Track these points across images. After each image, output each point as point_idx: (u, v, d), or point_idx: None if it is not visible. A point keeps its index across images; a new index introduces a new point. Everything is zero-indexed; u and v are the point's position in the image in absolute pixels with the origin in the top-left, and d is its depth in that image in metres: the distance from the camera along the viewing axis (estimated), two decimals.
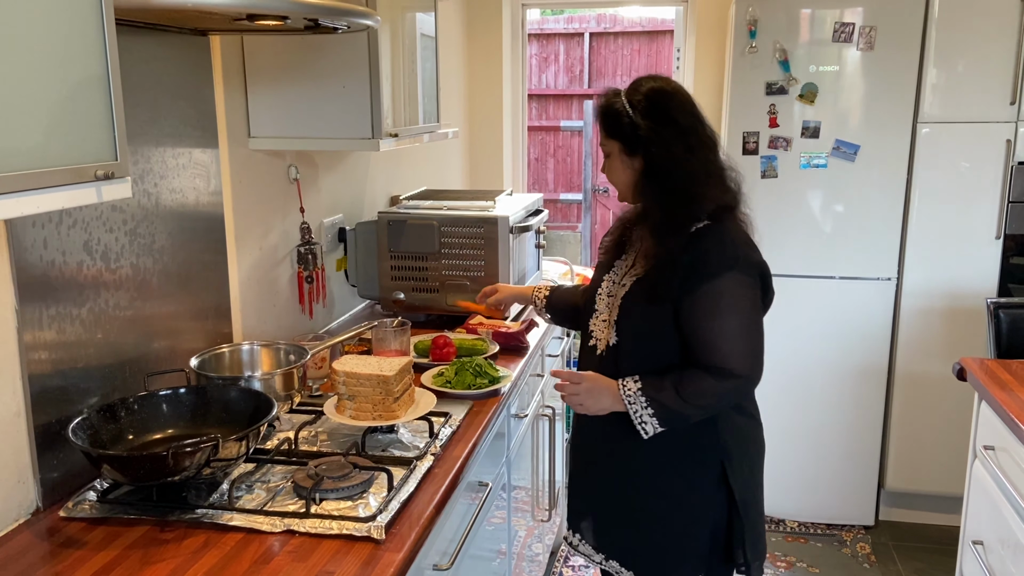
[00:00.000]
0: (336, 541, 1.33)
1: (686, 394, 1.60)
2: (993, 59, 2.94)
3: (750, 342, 1.62)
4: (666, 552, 1.74)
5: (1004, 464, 1.97)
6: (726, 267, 1.60)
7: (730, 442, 1.70)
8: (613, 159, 1.69)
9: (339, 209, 2.64)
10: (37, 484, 1.44)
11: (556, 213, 7.74)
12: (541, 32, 7.63)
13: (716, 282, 1.59)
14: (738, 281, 1.60)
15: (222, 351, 1.86)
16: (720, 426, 1.69)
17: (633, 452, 1.71)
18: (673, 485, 1.71)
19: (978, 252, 3.08)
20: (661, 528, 1.73)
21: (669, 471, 1.71)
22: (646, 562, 1.77)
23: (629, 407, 1.64)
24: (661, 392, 1.61)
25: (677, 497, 1.72)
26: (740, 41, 3.08)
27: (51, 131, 1.04)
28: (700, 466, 1.70)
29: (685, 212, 1.63)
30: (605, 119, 1.67)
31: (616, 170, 1.70)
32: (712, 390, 1.60)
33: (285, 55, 2.05)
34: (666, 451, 1.69)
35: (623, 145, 1.66)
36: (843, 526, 3.36)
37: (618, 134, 1.65)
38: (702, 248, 1.61)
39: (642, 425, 1.64)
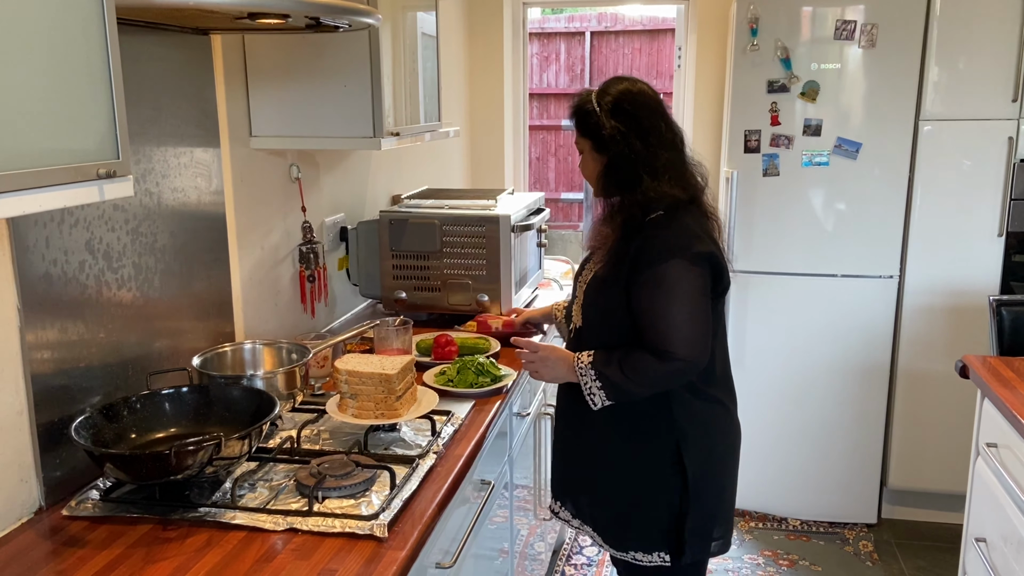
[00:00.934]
0: (339, 539, 1.34)
1: (628, 371, 1.68)
2: (995, 56, 2.94)
3: (693, 326, 1.67)
4: (628, 523, 1.82)
5: (1007, 461, 1.97)
6: (671, 255, 1.67)
7: (685, 425, 1.76)
8: (585, 156, 1.80)
9: (341, 208, 2.64)
10: (40, 483, 1.44)
11: (557, 212, 7.74)
12: (542, 31, 7.63)
13: (660, 268, 1.66)
14: (682, 268, 1.67)
15: (224, 350, 1.86)
16: (675, 408, 1.75)
17: (598, 432, 1.81)
18: (629, 459, 1.79)
19: (980, 249, 3.08)
20: (621, 500, 1.82)
21: (625, 446, 1.79)
22: (612, 531, 1.85)
23: (580, 378, 1.74)
24: (608, 367, 1.70)
25: (633, 471, 1.80)
26: (741, 39, 3.08)
27: (53, 130, 1.05)
28: (653, 444, 1.78)
29: (637, 204, 1.71)
30: (577, 118, 1.78)
31: (588, 166, 1.80)
32: (652, 369, 1.67)
33: (286, 54, 2.05)
34: (622, 427, 1.78)
35: (593, 143, 1.76)
36: (846, 524, 3.36)
37: (588, 133, 1.76)
38: (650, 235, 1.70)
39: (591, 396, 1.73)
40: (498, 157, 4.05)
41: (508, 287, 2.49)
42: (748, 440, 3.38)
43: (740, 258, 3.21)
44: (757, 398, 3.32)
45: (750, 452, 3.42)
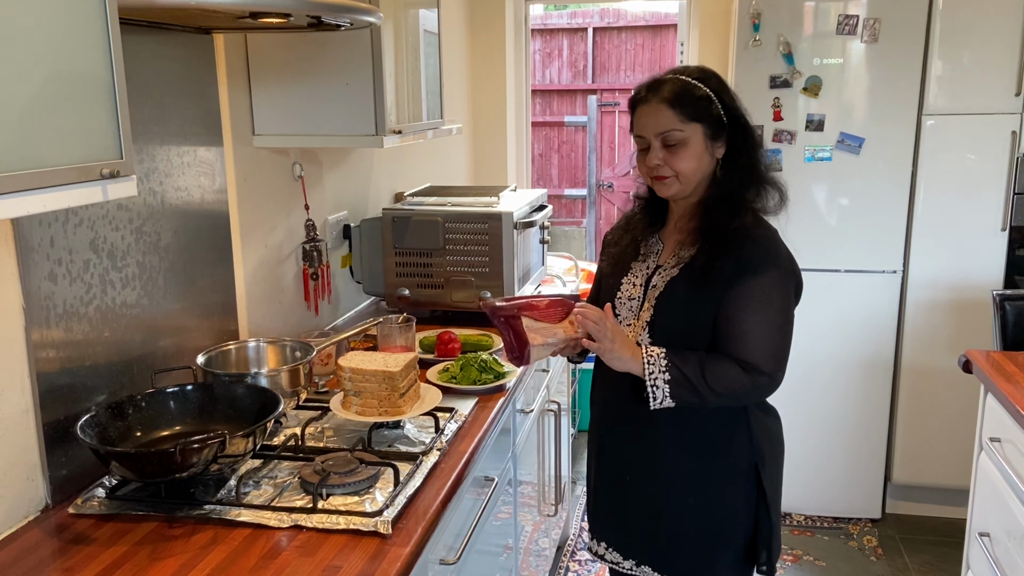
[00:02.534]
0: (343, 536, 1.34)
1: (709, 374, 1.55)
2: (998, 50, 2.93)
3: (780, 343, 1.60)
4: (700, 556, 1.69)
5: (1010, 456, 1.97)
6: (772, 264, 1.59)
7: (763, 443, 1.66)
8: (692, 145, 1.59)
9: (344, 206, 2.64)
10: (46, 481, 1.45)
11: (560, 209, 7.74)
12: (544, 27, 7.63)
13: (762, 278, 1.57)
14: (779, 279, 1.60)
15: (228, 348, 1.87)
16: (753, 427, 1.65)
17: (668, 453, 1.67)
18: (707, 487, 1.66)
19: (984, 244, 3.08)
20: (695, 531, 1.68)
21: (702, 472, 1.66)
22: (680, 566, 1.70)
23: (646, 367, 1.56)
24: (686, 364, 1.55)
25: (712, 499, 1.66)
26: (743, 34, 3.08)
27: (56, 130, 1.05)
28: (734, 467, 1.66)
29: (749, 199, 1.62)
30: (687, 103, 1.58)
31: (691, 157, 1.60)
32: (735, 379, 1.56)
33: (288, 53, 2.05)
34: (701, 451, 1.65)
35: (708, 129, 1.60)
36: (850, 519, 3.36)
37: (704, 118, 1.59)
38: (753, 240, 1.60)
39: (653, 389, 1.56)
40: (500, 154, 4.05)
41: (511, 284, 2.50)
42: None
43: None
44: None
45: None
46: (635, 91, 1.66)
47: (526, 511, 2.44)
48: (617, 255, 1.76)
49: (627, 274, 1.72)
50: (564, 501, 2.85)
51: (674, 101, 1.58)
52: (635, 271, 1.71)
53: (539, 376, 2.55)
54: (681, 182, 1.62)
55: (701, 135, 1.60)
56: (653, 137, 1.60)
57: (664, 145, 1.60)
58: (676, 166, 1.60)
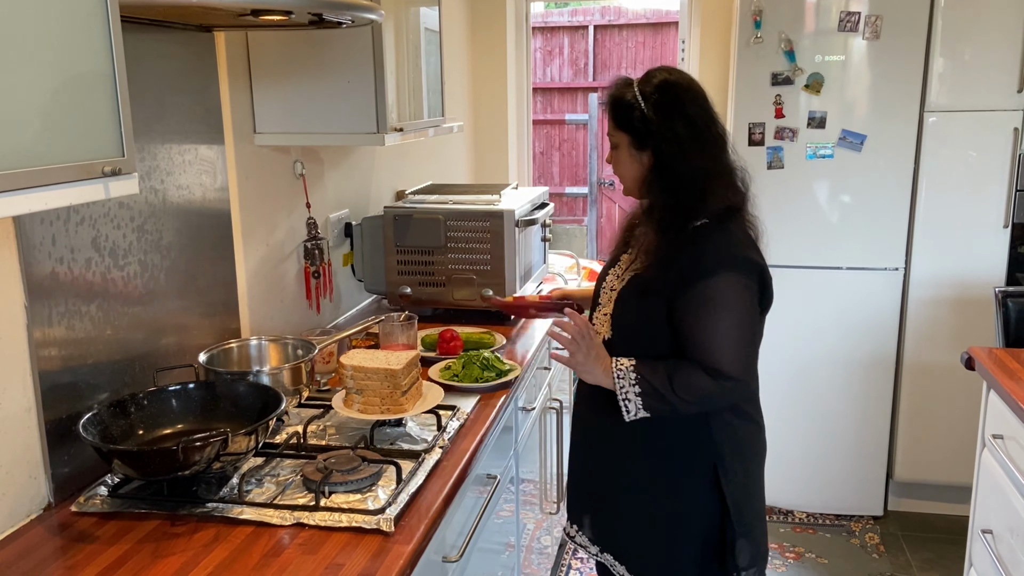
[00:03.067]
0: (345, 534, 1.34)
1: (677, 383, 1.56)
2: (1000, 47, 2.92)
3: (742, 344, 1.59)
4: (657, 551, 1.72)
5: (1013, 453, 1.97)
6: (723, 267, 1.57)
7: (724, 444, 1.66)
8: (621, 151, 1.65)
9: (345, 204, 2.64)
10: (48, 479, 1.45)
11: (562, 207, 7.73)
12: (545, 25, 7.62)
13: (711, 281, 1.55)
14: (734, 281, 1.57)
15: (230, 346, 1.87)
16: (713, 427, 1.65)
17: (627, 449, 1.70)
18: (664, 484, 1.68)
19: (986, 241, 3.07)
20: (652, 526, 1.71)
21: (661, 469, 1.68)
22: (637, 559, 1.74)
23: (617, 381, 1.59)
24: (654, 375, 1.57)
25: (668, 496, 1.69)
26: (745, 32, 3.07)
27: (58, 128, 1.05)
28: (691, 467, 1.67)
29: (690, 209, 1.59)
30: (615, 110, 1.63)
31: (623, 163, 1.66)
32: (703, 387, 1.56)
33: (290, 51, 2.05)
34: (658, 449, 1.67)
35: (632, 138, 1.62)
36: (852, 516, 3.36)
37: (628, 127, 1.61)
38: (700, 246, 1.58)
39: (625, 403, 1.59)
40: (502, 152, 4.04)
41: (512, 281, 2.50)
42: None
43: None
44: (762, 391, 3.30)
45: None
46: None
47: (528, 509, 2.44)
48: (613, 248, 1.81)
49: (614, 265, 1.76)
50: (566, 499, 2.84)
51: (609, 107, 1.65)
52: (622, 262, 1.74)
53: (541, 374, 2.55)
54: (623, 184, 1.69)
55: (627, 143, 1.63)
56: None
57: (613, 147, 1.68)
58: (613, 168, 1.69)
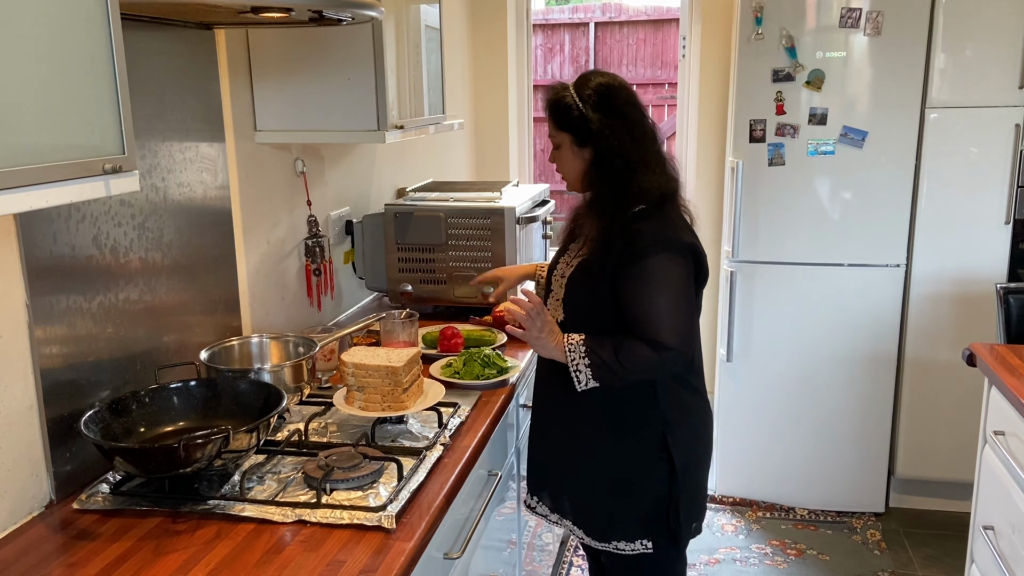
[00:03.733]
0: (347, 531, 1.34)
1: (622, 355, 1.67)
2: (1001, 43, 2.92)
3: (680, 317, 1.69)
4: (611, 514, 1.82)
5: (1014, 449, 1.97)
6: (659, 247, 1.69)
7: (672, 414, 1.78)
8: (563, 150, 1.78)
9: (346, 202, 2.64)
10: (50, 477, 1.45)
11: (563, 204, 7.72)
12: (546, 22, 7.61)
13: (648, 261, 1.68)
14: (669, 260, 1.69)
15: (232, 344, 1.87)
16: (661, 397, 1.77)
17: (580, 418, 1.81)
18: (614, 449, 1.80)
19: (987, 238, 3.07)
20: (603, 490, 1.82)
21: (612, 438, 1.79)
22: (594, 523, 1.85)
23: (568, 355, 1.71)
24: (601, 348, 1.69)
25: (617, 461, 1.80)
26: (746, 28, 3.07)
27: (58, 125, 1.05)
28: (640, 435, 1.78)
29: (628, 197, 1.72)
30: (556, 112, 1.76)
31: (566, 160, 1.78)
32: (646, 357, 1.67)
33: (290, 48, 2.05)
34: (609, 418, 1.79)
35: (573, 137, 1.75)
36: (853, 513, 3.36)
37: (568, 127, 1.74)
38: (636, 229, 1.70)
39: (576, 374, 1.71)
40: (502, 149, 4.04)
41: None
42: (755, 430, 3.39)
43: (746, 248, 3.20)
44: (764, 388, 3.32)
45: (757, 442, 3.44)
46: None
47: None
48: (564, 237, 1.93)
49: (564, 254, 1.88)
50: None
51: (549, 109, 1.78)
52: (570, 251, 1.87)
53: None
54: (565, 181, 1.82)
55: (569, 142, 1.76)
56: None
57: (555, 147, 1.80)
58: (557, 167, 1.82)
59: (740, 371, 3.34)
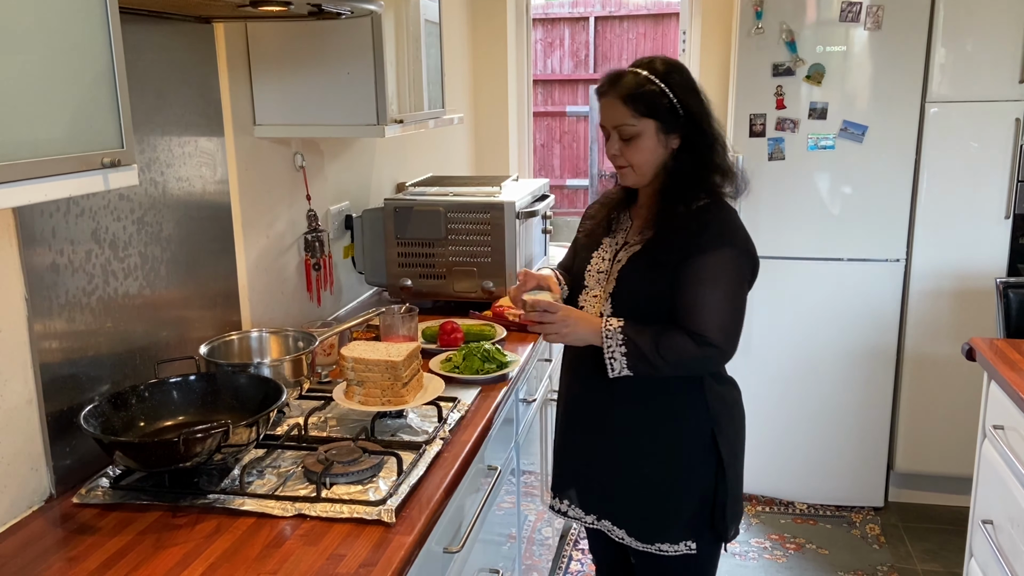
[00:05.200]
0: (347, 525, 1.34)
1: (662, 345, 1.64)
2: (1001, 37, 2.91)
3: (731, 317, 1.67)
4: (658, 513, 1.77)
5: (1014, 443, 1.97)
6: (725, 244, 1.67)
7: (718, 408, 1.75)
8: (644, 139, 1.68)
9: (345, 196, 2.64)
10: (50, 471, 1.46)
11: (562, 199, 7.73)
12: (546, 17, 7.60)
13: (711, 255, 1.65)
14: (731, 257, 1.68)
15: (231, 338, 1.87)
16: (708, 395, 1.74)
17: (629, 416, 1.76)
18: (666, 449, 1.75)
19: (987, 232, 3.07)
20: (653, 490, 1.76)
21: (663, 435, 1.75)
22: (638, 522, 1.79)
23: (605, 340, 1.67)
24: (640, 336, 1.65)
25: (669, 461, 1.75)
26: (746, 22, 3.06)
27: (56, 119, 1.05)
28: (689, 430, 1.74)
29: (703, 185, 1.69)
30: (642, 100, 1.66)
31: (646, 150, 1.69)
32: (686, 350, 1.64)
33: (289, 42, 2.05)
34: (661, 416, 1.74)
35: (660, 124, 1.67)
36: (852, 508, 3.36)
37: (655, 114, 1.66)
38: (705, 221, 1.68)
39: (611, 361, 1.67)
40: (502, 144, 4.04)
41: (513, 273, 2.49)
42: (755, 424, 3.38)
43: None
44: (764, 382, 3.32)
45: (757, 436, 3.43)
46: (599, 83, 1.75)
47: (529, 500, 2.44)
48: (591, 228, 1.87)
49: (598, 248, 1.82)
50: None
51: (628, 98, 1.67)
52: (605, 245, 1.81)
53: (542, 366, 2.55)
54: (636, 172, 1.72)
55: (654, 130, 1.68)
56: (612, 129, 1.71)
57: (620, 137, 1.70)
58: (630, 158, 1.71)
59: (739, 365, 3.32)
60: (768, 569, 2.97)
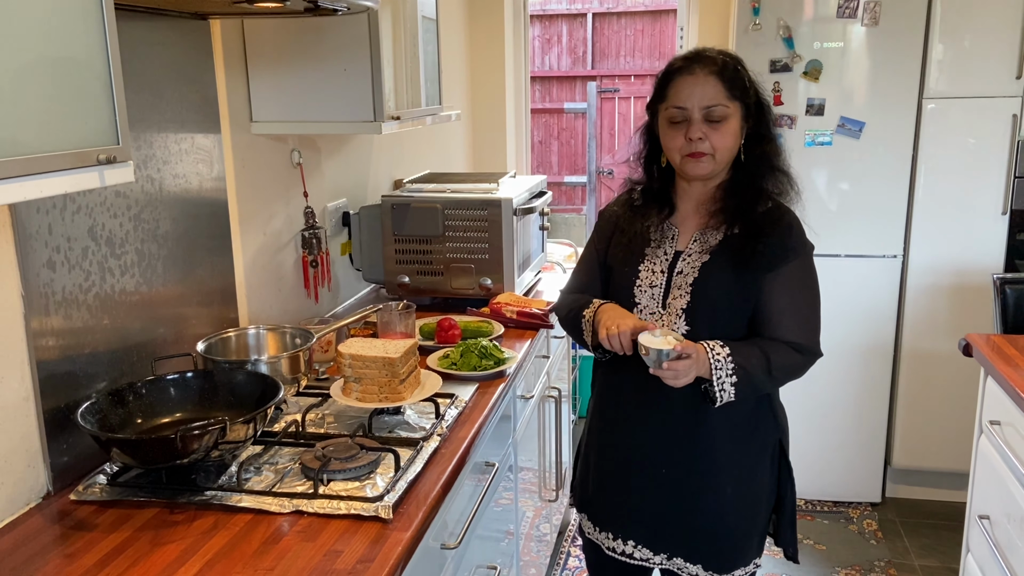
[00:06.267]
0: (344, 521, 1.35)
1: (775, 367, 1.54)
2: (999, 33, 2.91)
3: (818, 323, 1.63)
4: (736, 539, 1.69)
5: (1010, 439, 1.98)
6: (807, 247, 1.63)
7: (782, 419, 1.72)
8: (731, 122, 1.57)
9: (343, 193, 2.64)
10: (47, 468, 1.45)
11: (560, 196, 7.73)
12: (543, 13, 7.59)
13: (801, 260, 1.60)
14: (811, 261, 1.63)
15: (228, 335, 1.87)
16: (774, 404, 1.69)
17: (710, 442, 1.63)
18: (742, 470, 1.66)
19: (984, 228, 3.07)
20: (732, 515, 1.67)
21: (740, 455, 1.66)
22: (716, 552, 1.68)
23: (714, 372, 1.52)
24: (750, 360, 1.53)
25: (746, 481, 1.67)
26: (743, 18, 3.06)
27: (52, 116, 1.04)
28: (765, 446, 1.69)
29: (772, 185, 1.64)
30: (732, 80, 1.57)
31: (730, 134, 1.58)
32: (795, 364, 1.57)
33: (286, 38, 2.04)
34: (739, 436, 1.64)
35: (745, 111, 1.59)
36: (850, 503, 3.37)
37: (745, 98, 1.58)
38: (787, 223, 1.61)
39: (721, 393, 1.53)
40: (500, 141, 4.04)
41: (511, 270, 2.50)
42: None
43: None
44: None
45: None
46: (676, 61, 1.62)
47: (527, 497, 2.44)
48: (628, 242, 1.69)
49: (643, 261, 1.66)
50: (565, 487, 2.85)
51: (724, 75, 1.56)
52: (651, 258, 1.66)
53: (539, 362, 2.55)
54: (716, 160, 1.59)
55: (740, 115, 1.58)
56: (697, 109, 1.55)
57: (707, 119, 1.56)
58: (717, 142, 1.56)
59: None
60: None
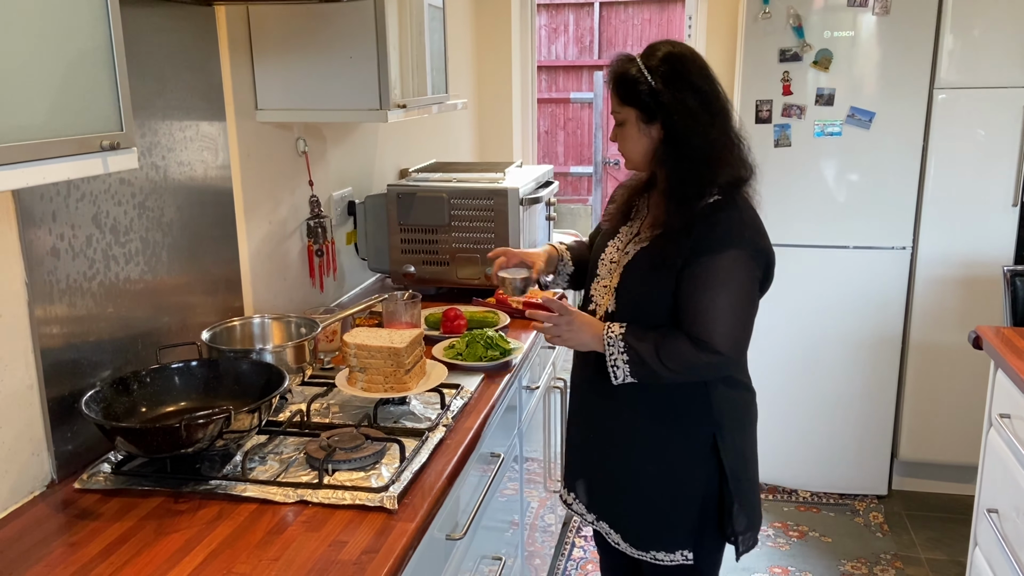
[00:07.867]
0: (349, 511, 1.34)
1: (663, 352, 1.58)
2: (1010, 23, 2.88)
3: (736, 323, 1.60)
4: (654, 520, 1.74)
5: (1020, 432, 1.96)
6: (733, 245, 1.59)
7: (723, 414, 1.69)
8: (628, 127, 1.64)
9: (348, 182, 2.62)
10: (51, 457, 1.45)
11: (567, 186, 7.70)
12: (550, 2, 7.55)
13: (718, 257, 1.58)
14: (740, 261, 1.59)
15: (233, 324, 1.86)
16: (713, 397, 1.68)
17: (627, 416, 1.72)
18: (664, 453, 1.71)
19: (994, 220, 3.05)
20: (649, 496, 1.73)
21: (660, 437, 1.71)
22: (634, 527, 1.76)
23: (607, 348, 1.63)
24: (641, 342, 1.60)
25: (667, 465, 1.71)
26: (753, 7, 3.03)
27: (56, 102, 1.04)
28: (691, 436, 1.70)
29: (702, 181, 1.60)
30: (620, 86, 1.62)
31: (631, 138, 1.65)
32: (688, 357, 1.58)
33: (291, 25, 2.03)
34: (659, 417, 1.70)
35: (640, 112, 1.61)
36: (856, 496, 3.36)
37: (635, 101, 1.61)
38: (712, 221, 1.59)
39: (613, 369, 1.63)
40: (506, 130, 4.01)
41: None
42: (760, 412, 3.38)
43: None
44: (769, 370, 3.30)
45: (761, 424, 3.42)
46: None
47: (532, 487, 2.44)
48: (612, 213, 1.81)
49: (614, 237, 1.77)
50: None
51: (613, 83, 1.65)
52: (621, 234, 1.76)
53: (545, 353, 2.54)
54: (630, 160, 1.70)
55: (635, 118, 1.63)
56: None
57: (618, 124, 1.68)
58: (620, 145, 1.69)
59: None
60: (771, 557, 2.97)
